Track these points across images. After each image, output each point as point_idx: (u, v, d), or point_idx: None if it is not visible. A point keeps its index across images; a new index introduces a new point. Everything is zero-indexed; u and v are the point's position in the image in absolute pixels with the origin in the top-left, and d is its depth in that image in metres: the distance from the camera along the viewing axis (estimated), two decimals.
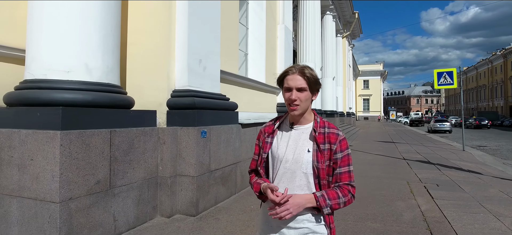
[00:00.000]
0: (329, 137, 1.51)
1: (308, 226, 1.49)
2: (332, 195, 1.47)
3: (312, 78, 1.48)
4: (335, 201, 1.46)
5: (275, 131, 1.62)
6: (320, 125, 1.54)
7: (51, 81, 3.24)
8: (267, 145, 1.61)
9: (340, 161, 1.51)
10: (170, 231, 3.70)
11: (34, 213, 3.01)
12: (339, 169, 1.51)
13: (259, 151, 1.66)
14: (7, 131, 3.19)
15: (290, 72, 1.50)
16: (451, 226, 3.87)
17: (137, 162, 3.84)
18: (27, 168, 3.06)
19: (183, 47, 4.54)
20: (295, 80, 1.48)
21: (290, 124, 1.60)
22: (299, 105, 1.48)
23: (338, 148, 1.50)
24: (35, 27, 3.34)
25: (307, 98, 1.50)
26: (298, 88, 1.47)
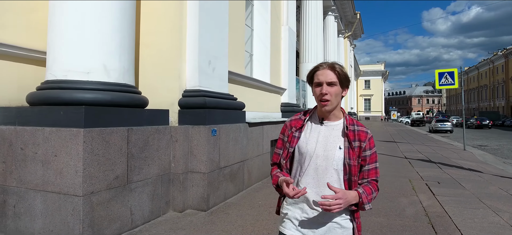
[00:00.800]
0: (359, 134, 1.53)
1: (336, 221, 1.52)
2: (368, 191, 1.51)
3: (342, 73, 1.50)
4: (370, 196, 1.51)
5: (303, 125, 1.61)
6: (350, 122, 1.56)
7: (72, 81, 3.42)
8: (295, 139, 1.59)
9: (369, 158, 1.54)
10: (183, 225, 3.88)
11: (57, 206, 3.20)
12: (368, 166, 1.54)
13: (284, 145, 1.64)
14: (31, 128, 3.37)
15: (321, 67, 1.52)
16: (452, 220, 4.05)
17: (152, 158, 4.02)
18: (51, 164, 3.24)
19: (194, 49, 4.72)
20: (325, 75, 1.49)
21: (319, 119, 1.59)
22: (330, 100, 1.49)
23: (368, 145, 1.54)
24: (56, 31, 3.52)
25: (337, 93, 1.50)
26: (328, 83, 1.48)
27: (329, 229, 1.51)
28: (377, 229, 3.76)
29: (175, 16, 4.68)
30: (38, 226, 3.28)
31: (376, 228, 3.78)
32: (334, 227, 1.51)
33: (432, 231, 3.71)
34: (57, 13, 3.52)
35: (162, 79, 4.66)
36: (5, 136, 3.52)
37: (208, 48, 4.92)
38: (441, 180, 6.53)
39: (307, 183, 1.52)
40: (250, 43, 8.38)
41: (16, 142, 3.44)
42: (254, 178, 6.05)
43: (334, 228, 1.51)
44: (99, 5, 3.54)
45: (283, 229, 1.59)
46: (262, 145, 6.56)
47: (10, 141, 3.49)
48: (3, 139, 3.53)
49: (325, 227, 1.51)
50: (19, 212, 3.39)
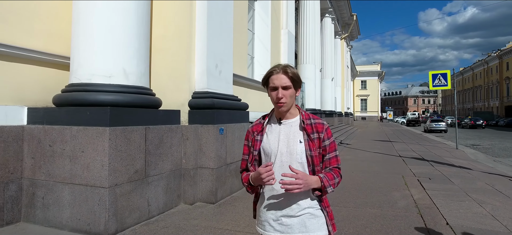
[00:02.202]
0: (316, 126, 1.62)
1: (309, 212, 1.59)
2: (330, 176, 1.58)
3: (294, 77, 1.58)
4: (332, 181, 1.58)
5: (264, 128, 1.69)
6: (306, 117, 1.65)
7: (96, 85, 3.78)
8: (257, 142, 1.68)
9: (329, 147, 1.62)
10: (195, 215, 4.24)
11: (85, 197, 3.55)
12: (329, 155, 1.62)
13: (249, 150, 1.72)
14: (59, 127, 3.72)
15: (274, 72, 1.58)
16: (439, 211, 4.45)
17: (165, 155, 4.38)
18: (78, 159, 3.59)
19: (202, 53, 5.09)
20: (280, 79, 1.56)
21: (278, 120, 1.67)
22: (286, 102, 1.57)
23: (326, 135, 1.62)
24: (80, 38, 3.87)
25: (291, 95, 1.59)
26: (283, 87, 1.56)
27: (303, 220, 1.58)
28: (372, 218, 4.15)
29: (184, 22, 5.05)
30: (66, 215, 3.64)
31: (370, 218, 4.17)
32: (308, 218, 1.58)
33: (421, 220, 4.11)
34: (81, 23, 3.87)
35: (173, 82, 5.02)
36: (33, 134, 3.87)
37: (215, 52, 5.29)
38: (432, 176, 6.94)
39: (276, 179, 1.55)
40: (252, 46, 8.76)
41: (45, 139, 3.79)
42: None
43: (308, 219, 1.58)
44: (120, 15, 3.89)
45: (263, 231, 1.66)
46: None
47: (38, 138, 3.84)
48: (32, 137, 3.87)
49: (299, 219, 1.58)
50: (47, 203, 3.74)
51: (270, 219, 1.63)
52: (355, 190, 5.62)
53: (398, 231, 3.73)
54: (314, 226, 1.59)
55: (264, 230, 1.66)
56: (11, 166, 3.78)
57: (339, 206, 4.65)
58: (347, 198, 5.08)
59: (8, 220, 3.75)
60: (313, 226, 1.58)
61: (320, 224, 1.60)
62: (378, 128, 33.11)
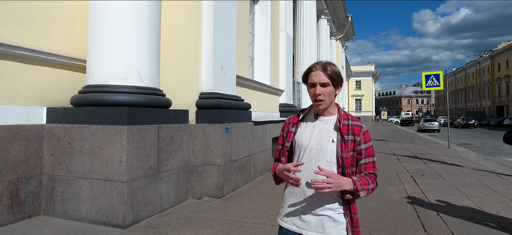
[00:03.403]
0: (353, 128, 1.57)
1: (329, 214, 1.54)
2: (364, 180, 1.52)
3: (334, 74, 1.55)
4: (366, 187, 1.51)
5: (299, 121, 1.69)
6: (344, 117, 1.60)
7: (113, 86, 4.04)
8: (291, 134, 1.67)
9: (365, 152, 1.56)
10: (204, 208, 4.52)
11: (103, 191, 3.81)
12: (364, 160, 1.56)
13: (283, 141, 1.73)
14: (78, 126, 3.98)
15: (314, 69, 1.57)
16: (430, 203, 4.78)
17: (176, 152, 4.66)
18: (97, 156, 3.86)
19: (209, 55, 5.37)
20: (318, 76, 1.55)
21: (315, 115, 1.66)
22: (324, 100, 1.56)
23: (362, 139, 1.57)
24: (97, 42, 4.12)
25: (330, 92, 1.57)
26: (322, 84, 1.55)
27: (322, 221, 1.54)
28: (368, 210, 4.47)
29: (192, 26, 5.32)
30: (85, 209, 3.90)
31: (367, 210, 4.49)
32: (327, 220, 1.54)
33: (414, 211, 4.43)
34: (98, 28, 4.13)
35: (181, 83, 5.29)
36: (53, 132, 4.12)
37: (221, 55, 5.57)
38: (425, 173, 7.31)
39: (301, 174, 1.55)
40: (252, 48, 9.04)
41: (64, 137, 4.05)
42: (258, 171, 6.72)
43: (327, 221, 1.54)
44: (134, 20, 4.16)
45: (281, 221, 1.68)
46: (265, 142, 7.24)
47: (58, 136, 4.09)
48: (51, 135, 4.12)
49: (318, 219, 1.55)
50: (67, 197, 4.00)
51: (290, 212, 1.62)
52: None
53: (393, 221, 4.04)
54: (332, 230, 1.53)
55: (282, 221, 1.67)
56: (32, 162, 4.03)
57: None
58: None
59: (29, 213, 4.00)
60: (332, 230, 1.53)
61: (339, 229, 1.54)
62: (373, 127, 33.61)
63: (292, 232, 1.61)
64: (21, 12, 3.99)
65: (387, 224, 3.95)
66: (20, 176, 3.89)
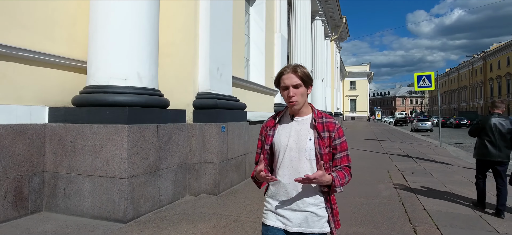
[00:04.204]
0: (327, 125, 1.66)
1: (312, 210, 1.62)
2: (341, 175, 1.62)
3: (304, 75, 1.64)
4: (343, 180, 1.61)
5: (276, 124, 1.75)
6: (318, 116, 1.69)
7: (113, 87, 4.20)
8: (269, 137, 1.74)
9: (340, 146, 1.66)
10: (201, 205, 4.70)
11: (105, 187, 3.97)
12: (340, 154, 1.66)
13: (262, 144, 1.80)
14: (80, 125, 4.14)
15: (285, 72, 1.65)
16: (418, 198, 5.02)
17: (174, 150, 4.83)
18: (98, 153, 4.02)
19: (205, 57, 5.54)
20: (290, 79, 1.62)
21: (290, 117, 1.73)
22: (297, 100, 1.63)
23: (336, 135, 1.66)
24: (98, 44, 4.28)
25: (303, 93, 1.64)
26: (294, 85, 1.62)
27: (306, 217, 1.62)
28: (359, 205, 4.68)
29: (189, 28, 5.50)
30: (87, 205, 4.05)
31: (358, 205, 4.69)
32: (311, 216, 1.62)
33: (402, 206, 4.65)
34: (99, 31, 4.28)
35: (179, 84, 5.46)
36: (55, 131, 4.27)
37: (217, 57, 5.75)
38: (415, 171, 7.55)
39: (283, 174, 1.66)
40: (247, 49, 9.23)
41: (66, 136, 4.20)
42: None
43: (311, 217, 1.62)
44: (134, 22, 4.32)
45: (265, 219, 1.73)
46: None
47: (60, 135, 4.24)
48: (53, 134, 4.27)
49: (302, 215, 1.63)
50: (69, 193, 4.15)
51: (274, 210, 1.69)
52: None
53: (381, 215, 4.26)
54: (315, 223, 1.63)
55: (266, 219, 1.72)
56: (34, 160, 4.18)
57: None
58: None
59: (32, 209, 4.15)
60: (315, 224, 1.63)
61: (322, 223, 1.64)
62: (367, 127, 33.97)
63: (277, 228, 1.67)
64: (24, 15, 4.13)
65: (376, 218, 4.16)
66: (24, 174, 4.03)
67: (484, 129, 4.67)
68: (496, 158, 4.52)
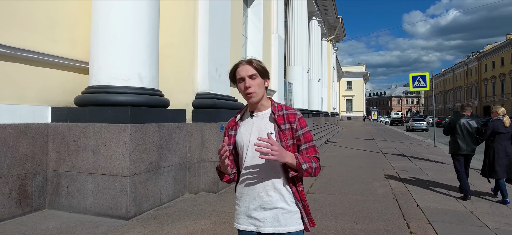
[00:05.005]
0: (288, 117, 1.60)
1: (282, 206, 1.55)
2: (307, 159, 1.54)
3: (259, 66, 1.58)
4: (309, 164, 1.52)
5: (237, 123, 1.70)
6: (278, 108, 1.62)
7: (115, 87, 4.30)
8: (231, 137, 1.68)
9: (303, 137, 1.59)
10: (201, 202, 4.81)
11: (107, 185, 4.07)
12: (305, 145, 1.59)
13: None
14: (83, 124, 4.23)
15: (240, 65, 1.59)
16: (412, 196, 5.16)
17: (174, 149, 4.93)
18: (101, 152, 4.11)
19: (204, 58, 5.66)
20: (245, 70, 1.56)
21: (250, 113, 1.67)
22: (255, 91, 1.56)
23: (298, 125, 1.59)
24: (100, 45, 4.38)
25: (260, 84, 1.58)
26: (250, 76, 1.55)
27: (276, 214, 1.55)
28: (354, 202, 4.82)
29: (188, 30, 5.61)
30: (90, 202, 4.15)
31: (353, 202, 4.83)
32: (281, 213, 1.55)
33: (396, 203, 4.80)
34: (100, 32, 4.38)
35: (178, 84, 5.57)
36: (58, 131, 4.36)
37: (216, 57, 5.86)
38: (409, 169, 7.71)
39: (246, 172, 1.59)
40: (245, 50, 9.36)
41: (69, 135, 4.29)
42: None
43: (281, 214, 1.55)
44: (135, 24, 4.42)
45: (237, 224, 1.66)
46: None
47: (62, 134, 4.33)
48: (56, 133, 4.37)
49: (272, 214, 1.55)
50: (72, 191, 4.25)
51: (244, 212, 1.62)
52: (340, 181, 6.30)
53: (376, 212, 4.39)
54: (287, 221, 1.55)
55: (238, 223, 1.65)
56: (38, 159, 4.27)
57: (326, 194, 5.30)
58: (333, 187, 5.74)
59: (35, 207, 4.23)
60: (287, 221, 1.55)
61: (295, 219, 1.57)
62: (363, 127, 34.22)
63: (250, 232, 1.60)
64: (26, 17, 4.22)
65: (371, 214, 4.30)
66: (27, 172, 4.12)
67: (455, 128, 5.48)
68: (465, 151, 5.35)
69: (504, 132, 5.06)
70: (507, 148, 5.03)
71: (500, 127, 5.08)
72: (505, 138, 5.07)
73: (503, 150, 5.01)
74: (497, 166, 4.99)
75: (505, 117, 5.08)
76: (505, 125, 5.05)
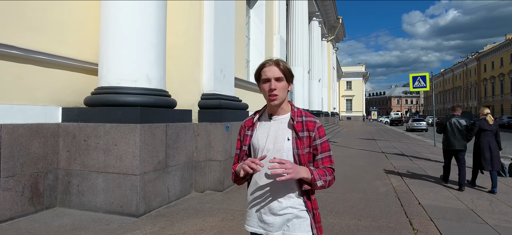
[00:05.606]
0: (307, 124, 1.56)
1: (292, 212, 1.53)
2: (321, 172, 1.52)
3: (286, 70, 1.55)
4: (324, 178, 1.50)
5: (254, 123, 1.67)
6: (297, 114, 1.59)
7: (124, 88, 4.41)
8: (247, 137, 1.65)
9: (321, 147, 1.56)
10: (207, 200, 4.92)
11: (117, 183, 4.18)
12: (321, 154, 1.56)
13: (241, 145, 1.70)
14: (93, 124, 4.34)
15: (267, 64, 1.55)
16: (413, 194, 5.28)
17: (181, 149, 5.04)
18: (111, 151, 4.22)
19: (210, 59, 5.77)
20: (272, 71, 1.53)
21: (268, 115, 1.64)
22: (278, 95, 1.53)
23: (317, 134, 1.56)
24: (109, 47, 4.49)
25: (284, 87, 1.55)
26: (276, 78, 1.52)
27: (286, 219, 1.53)
28: (357, 201, 4.93)
29: (194, 32, 5.72)
30: (100, 200, 4.26)
31: (356, 201, 4.95)
32: (291, 218, 1.53)
33: (398, 201, 4.91)
34: (110, 35, 4.49)
35: (184, 85, 5.68)
36: (68, 130, 4.47)
37: (220, 59, 5.98)
38: (410, 169, 7.83)
39: (261, 175, 1.56)
40: (247, 51, 9.47)
41: (80, 135, 4.40)
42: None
43: (291, 219, 1.53)
44: (144, 27, 4.53)
45: (248, 227, 1.64)
46: None
47: (73, 134, 4.44)
48: (67, 133, 4.47)
49: (282, 219, 1.53)
50: (82, 190, 4.35)
51: (255, 215, 1.60)
52: (343, 180, 6.41)
53: (379, 209, 4.51)
54: (296, 226, 1.53)
55: (248, 225, 1.64)
56: (49, 158, 4.37)
57: (329, 192, 5.41)
58: (336, 186, 5.85)
59: (47, 205, 4.34)
60: (296, 227, 1.53)
61: (305, 225, 1.54)
62: (363, 127, 34.35)
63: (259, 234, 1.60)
64: (37, 19, 4.33)
65: (373, 212, 4.41)
66: (39, 171, 4.23)
67: (446, 127, 6.19)
68: (456, 147, 6.03)
69: (488, 129, 5.80)
70: (490, 143, 5.75)
71: (485, 125, 5.83)
72: (489, 134, 5.79)
73: (487, 144, 5.74)
74: (483, 159, 5.74)
75: (487, 116, 5.89)
76: (489, 123, 5.83)
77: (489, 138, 5.78)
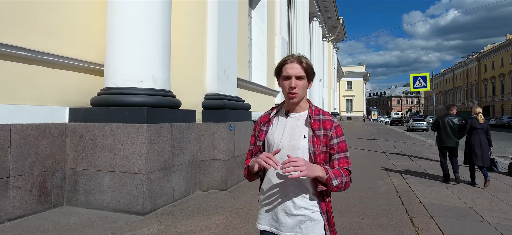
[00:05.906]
0: (324, 123, 1.52)
1: (306, 214, 1.49)
2: (337, 173, 1.46)
3: (308, 67, 1.52)
4: (340, 179, 1.45)
5: (271, 119, 1.64)
6: (315, 112, 1.56)
7: (130, 88, 4.49)
8: (262, 133, 1.63)
9: (337, 147, 1.52)
10: (211, 199, 5.00)
11: (124, 182, 4.26)
12: (337, 155, 1.52)
13: (255, 140, 1.68)
14: (100, 124, 4.42)
15: (289, 61, 1.52)
16: (414, 193, 5.36)
17: (185, 148, 5.12)
18: (118, 151, 4.30)
19: (213, 60, 5.85)
20: (294, 69, 1.49)
21: (285, 112, 1.61)
22: (298, 93, 1.50)
23: (334, 133, 1.52)
24: (116, 48, 4.57)
25: (304, 86, 1.52)
26: (297, 76, 1.49)
27: (299, 221, 1.49)
28: (359, 199, 5.01)
29: (198, 33, 5.80)
30: (107, 199, 4.34)
31: (358, 199, 5.02)
32: (304, 220, 1.49)
33: (399, 200, 4.99)
34: (116, 36, 4.56)
35: (188, 86, 5.76)
36: (75, 130, 4.55)
37: (224, 60, 6.06)
38: (411, 168, 7.91)
39: (275, 173, 1.53)
40: (249, 51, 9.54)
41: (86, 134, 4.48)
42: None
43: (304, 221, 1.49)
44: (149, 29, 4.61)
45: (259, 225, 1.62)
46: None
47: (80, 134, 4.52)
48: (74, 133, 4.55)
49: (295, 219, 1.50)
50: (89, 188, 4.43)
51: (267, 213, 1.58)
52: None
53: (380, 208, 4.59)
54: (309, 229, 1.49)
55: (260, 223, 1.62)
56: (56, 157, 4.45)
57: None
58: None
59: (54, 203, 4.42)
60: (309, 230, 1.49)
61: (318, 228, 1.49)
62: (363, 127, 34.42)
63: (271, 233, 1.57)
64: (46, 22, 4.41)
65: (375, 210, 4.49)
66: (47, 170, 4.31)
67: (439, 125, 6.66)
68: (449, 144, 6.48)
69: (479, 127, 6.12)
70: (481, 141, 6.06)
71: (476, 123, 6.16)
72: (480, 132, 6.11)
73: (478, 142, 6.06)
74: (474, 155, 6.07)
75: (478, 115, 6.18)
76: (480, 121, 6.14)
77: (480, 136, 6.08)
